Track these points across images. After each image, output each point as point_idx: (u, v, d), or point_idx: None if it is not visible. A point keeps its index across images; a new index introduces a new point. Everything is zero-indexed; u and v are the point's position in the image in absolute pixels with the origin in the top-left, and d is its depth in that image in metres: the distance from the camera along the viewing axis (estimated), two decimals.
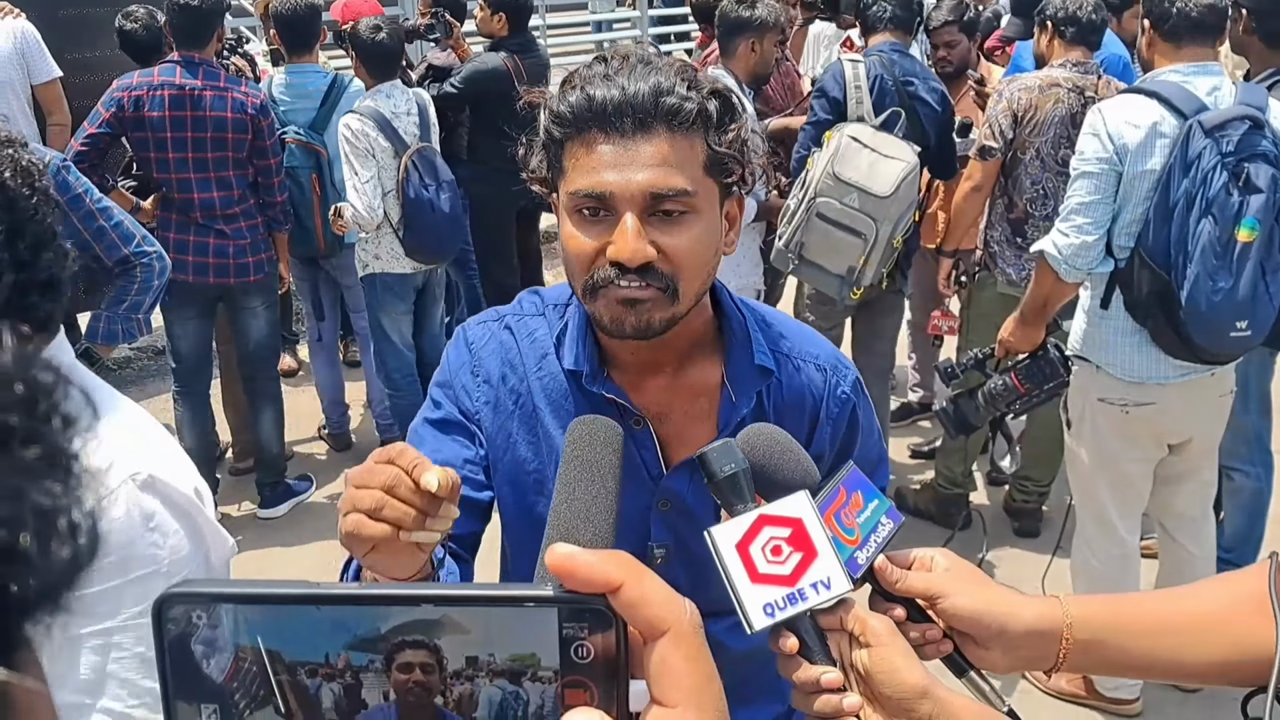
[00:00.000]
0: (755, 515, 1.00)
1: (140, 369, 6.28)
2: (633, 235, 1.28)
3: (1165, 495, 3.47)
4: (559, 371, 1.48)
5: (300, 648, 0.52)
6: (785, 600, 0.98)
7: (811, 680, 0.98)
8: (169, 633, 0.53)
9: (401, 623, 0.52)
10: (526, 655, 0.52)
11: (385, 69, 4.71)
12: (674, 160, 1.29)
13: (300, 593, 0.53)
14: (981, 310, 4.32)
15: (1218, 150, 2.85)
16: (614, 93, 1.28)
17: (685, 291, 1.33)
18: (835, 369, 1.54)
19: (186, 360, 4.59)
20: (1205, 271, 2.86)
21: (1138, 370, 3.15)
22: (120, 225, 3.00)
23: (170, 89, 4.23)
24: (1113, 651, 1.14)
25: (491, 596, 0.53)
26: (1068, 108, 3.90)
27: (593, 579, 0.52)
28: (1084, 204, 3.04)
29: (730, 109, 1.35)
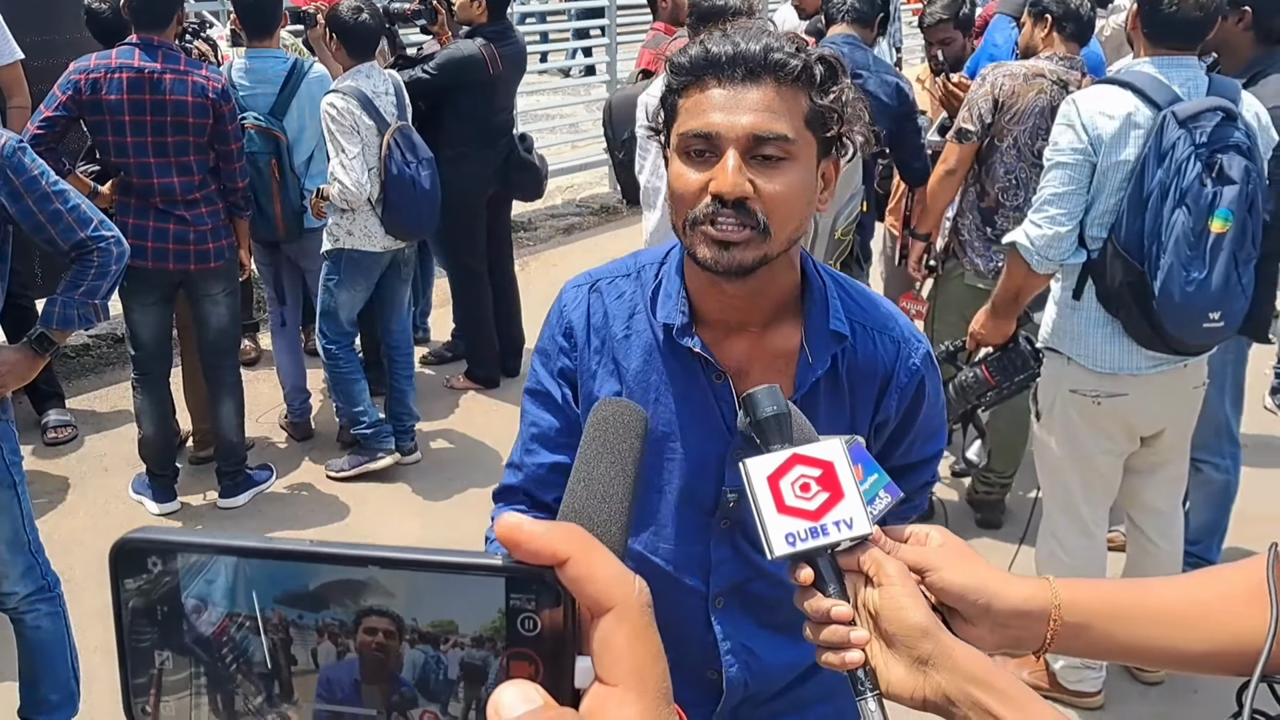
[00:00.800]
0: (789, 453, 1.07)
1: (98, 356, 6.19)
2: (733, 170, 1.38)
3: (1135, 488, 3.48)
4: (647, 328, 1.58)
5: (223, 594, 0.53)
6: (807, 532, 1.04)
7: (823, 611, 1.03)
8: (124, 579, 0.53)
9: (328, 581, 0.52)
10: (445, 622, 0.52)
11: (364, 50, 4.69)
12: (778, 107, 1.39)
13: (251, 546, 0.53)
14: (948, 300, 4.33)
15: (1191, 141, 2.85)
16: (728, 47, 1.40)
17: (776, 233, 1.42)
18: (908, 341, 1.61)
19: (146, 348, 4.52)
20: (1179, 262, 2.86)
21: (1110, 361, 3.16)
22: (77, 209, 2.93)
23: (129, 72, 4.15)
24: (1101, 636, 1.14)
25: (440, 563, 0.52)
26: (1049, 99, 3.90)
27: (539, 551, 0.52)
28: (1057, 194, 3.04)
29: (834, 74, 1.44)
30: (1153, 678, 3.65)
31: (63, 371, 5.80)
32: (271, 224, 4.86)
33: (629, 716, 0.51)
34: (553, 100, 11.30)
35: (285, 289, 5.25)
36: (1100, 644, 1.15)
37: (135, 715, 0.54)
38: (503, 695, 0.50)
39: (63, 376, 5.74)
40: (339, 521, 4.74)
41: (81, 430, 5.45)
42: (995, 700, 0.99)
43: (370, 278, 4.88)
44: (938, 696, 1.01)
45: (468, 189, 5.41)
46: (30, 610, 3.11)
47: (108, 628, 1.50)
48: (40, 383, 4.88)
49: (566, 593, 0.52)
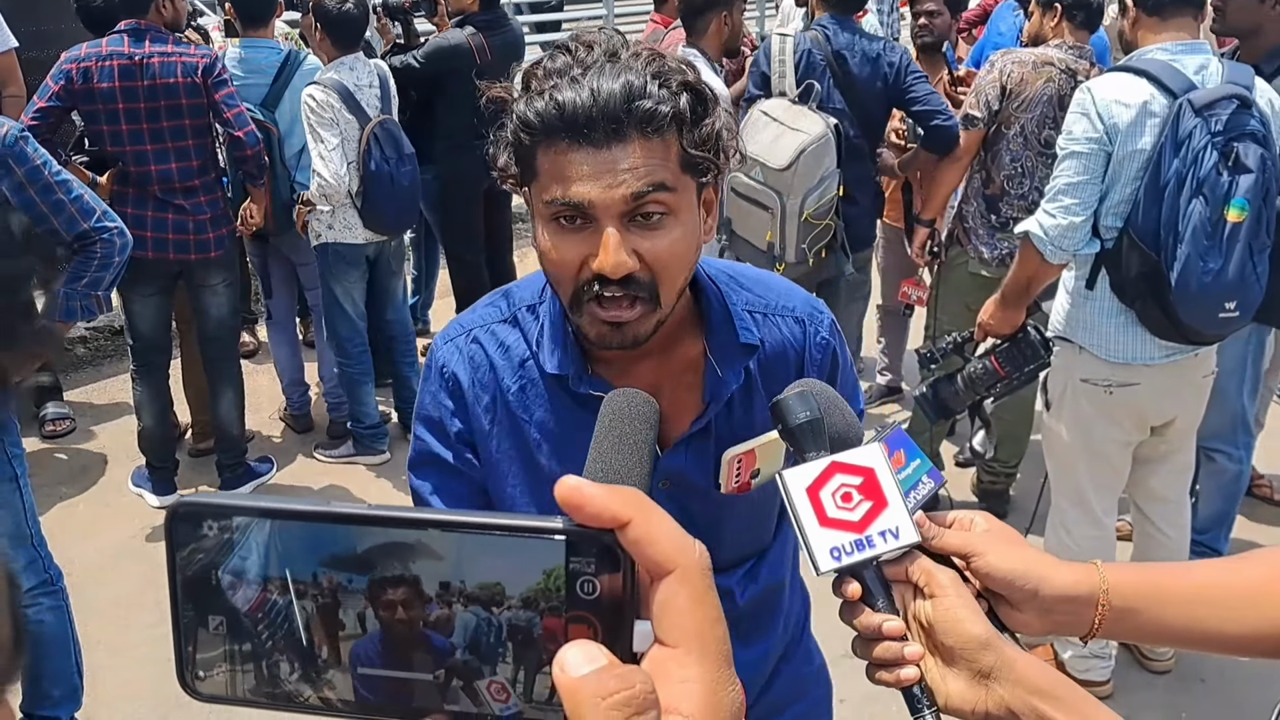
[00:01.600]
0: (828, 461, 1.01)
1: (96, 348, 6.15)
2: (614, 248, 1.26)
3: (1143, 477, 3.47)
4: (539, 375, 1.47)
5: (278, 558, 0.53)
6: (853, 546, 1.00)
7: (874, 627, 0.99)
8: (179, 543, 0.53)
9: (378, 544, 0.52)
10: (492, 584, 0.52)
11: (349, 40, 4.65)
12: (651, 164, 1.26)
13: (310, 510, 0.53)
14: (951, 287, 4.31)
15: (1208, 130, 2.82)
16: (584, 98, 1.24)
17: (666, 295, 1.32)
18: (812, 316, 1.56)
19: (145, 339, 4.49)
20: (1196, 252, 2.84)
21: (1122, 351, 3.14)
22: (80, 199, 2.91)
23: (119, 59, 4.12)
24: (1148, 620, 1.13)
25: (501, 525, 0.53)
26: (1057, 88, 3.88)
27: (600, 513, 0.52)
28: (1071, 184, 3.01)
29: (703, 101, 1.31)
30: (1161, 667, 3.64)
31: (60, 364, 5.77)
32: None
33: (691, 678, 0.51)
34: None
35: (275, 282, 5.22)
36: (1148, 628, 1.14)
37: (188, 682, 0.54)
38: (567, 655, 0.50)
39: (60, 369, 5.71)
40: None
41: (80, 423, 5.42)
42: (1060, 711, 0.97)
43: (358, 268, 4.87)
44: (1000, 710, 0.99)
45: (462, 180, 5.38)
46: (32, 604, 3.09)
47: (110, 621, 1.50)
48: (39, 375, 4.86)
49: (627, 556, 0.52)
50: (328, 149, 4.47)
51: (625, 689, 0.48)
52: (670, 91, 1.27)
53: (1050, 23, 4.00)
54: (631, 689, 0.48)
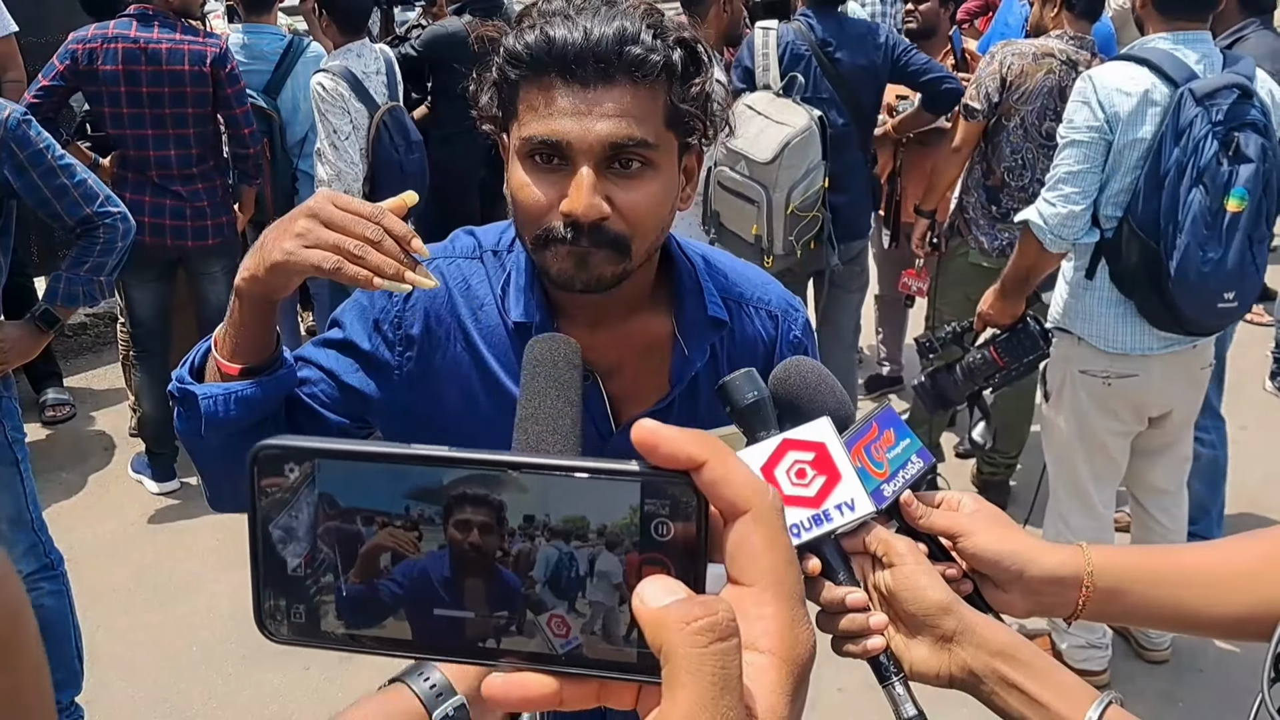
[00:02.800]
0: (779, 439, 1.01)
1: (96, 335, 6.16)
2: (588, 190, 1.22)
3: (1141, 468, 3.47)
4: (499, 323, 1.41)
5: (360, 496, 0.53)
6: (811, 521, 1.00)
7: (837, 600, 1.00)
8: (261, 486, 0.54)
9: (463, 476, 0.53)
10: (576, 518, 0.53)
11: (355, 26, 4.64)
12: (635, 111, 1.23)
13: (393, 451, 0.53)
14: (951, 278, 4.31)
15: (1208, 119, 2.82)
16: (576, 35, 1.21)
17: (636, 248, 1.28)
18: (786, 313, 1.52)
19: (145, 324, 4.50)
20: (1195, 242, 2.84)
21: (1121, 342, 3.14)
22: (83, 183, 2.90)
23: (125, 42, 4.12)
24: (1134, 601, 1.13)
25: (578, 467, 0.53)
26: (1058, 79, 3.87)
27: (676, 454, 0.52)
28: (1072, 173, 3.01)
29: (696, 60, 1.29)
30: (1158, 656, 3.65)
31: (60, 350, 5.77)
32: (262, 204, 4.80)
33: (766, 615, 0.51)
34: None
35: None
36: (1135, 609, 1.15)
37: (267, 626, 0.55)
38: (646, 588, 0.51)
39: (60, 355, 5.71)
40: None
41: (80, 409, 5.43)
42: (1020, 672, 0.99)
43: None
44: (963, 673, 1.00)
45: (457, 170, 5.37)
46: (33, 589, 3.09)
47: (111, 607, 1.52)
48: (38, 361, 4.84)
49: (701, 497, 0.52)
50: (341, 138, 4.47)
51: (709, 615, 0.48)
52: (665, 42, 1.25)
53: (1051, 13, 3.99)
54: (715, 615, 0.48)
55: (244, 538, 0.55)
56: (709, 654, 0.47)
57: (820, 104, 3.96)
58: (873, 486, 1.07)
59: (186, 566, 4.20)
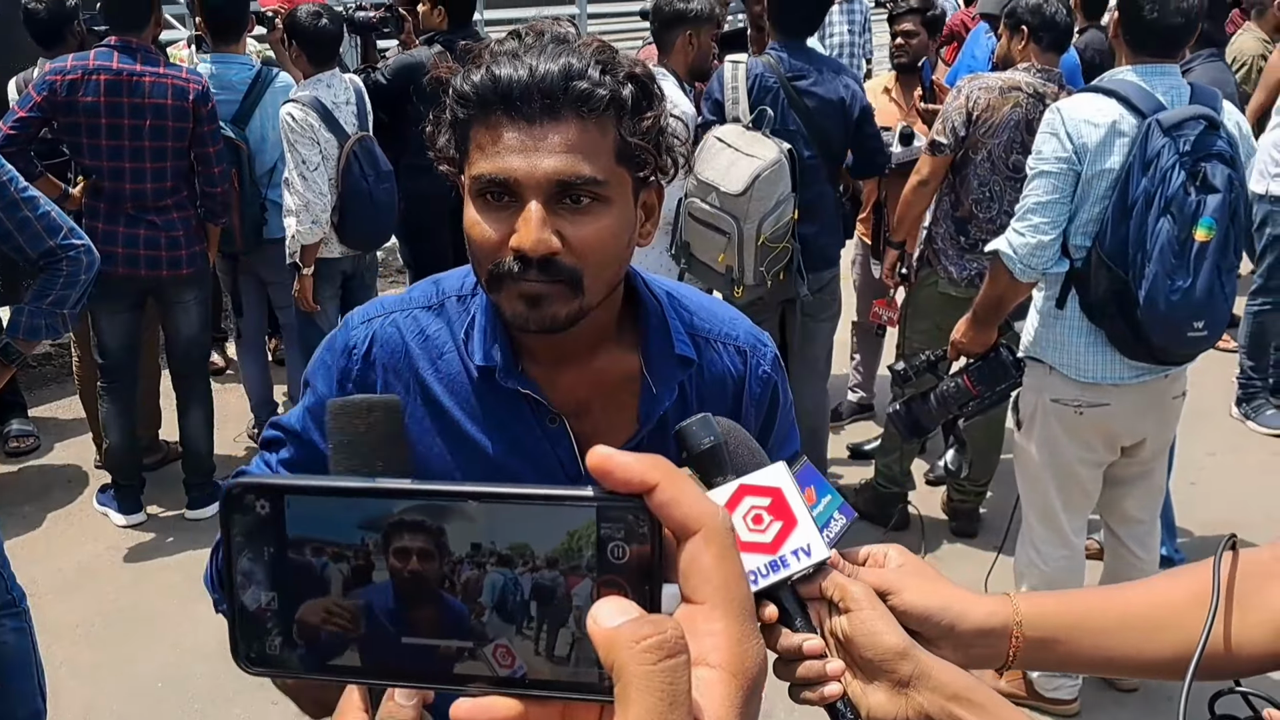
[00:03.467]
0: (736, 485, 1.00)
1: (61, 366, 6.08)
2: (536, 224, 1.22)
3: (1115, 498, 3.48)
4: (460, 371, 1.40)
5: (322, 529, 0.55)
6: (768, 568, 0.99)
7: (794, 647, 0.99)
8: (235, 523, 0.55)
9: (413, 505, 0.54)
10: (520, 544, 0.54)
11: (325, 56, 4.63)
12: (583, 148, 1.22)
13: (357, 485, 0.55)
14: (920, 308, 4.33)
15: (1175, 149, 2.84)
16: (521, 73, 1.21)
17: (591, 285, 1.27)
18: (755, 349, 1.50)
19: (114, 355, 4.45)
20: (1164, 271, 2.86)
21: (1092, 371, 3.16)
22: (46, 216, 2.86)
23: (107, 74, 4.10)
24: (1065, 649, 1.14)
25: (534, 495, 0.55)
26: (1024, 112, 3.89)
27: (629, 479, 0.54)
28: (1041, 203, 3.03)
29: (648, 95, 1.28)
30: (1128, 684, 3.65)
31: (25, 381, 5.70)
32: (229, 235, 4.77)
33: (717, 631, 0.53)
34: None
35: (245, 300, 5.17)
36: (1069, 657, 1.15)
37: (243, 658, 0.56)
38: (600, 609, 0.52)
39: (25, 386, 5.64)
40: None
41: (44, 440, 5.36)
42: (974, 714, 0.99)
43: (333, 283, 4.85)
44: (920, 717, 1.00)
45: (428, 198, 5.34)
46: None
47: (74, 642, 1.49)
48: (3, 392, 4.80)
49: (654, 519, 0.54)
50: (309, 168, 4.45)
51: (657, 633, 0.50)
52: (614, 78, 1.24)
53: (1018, 45, 4.01)
54: (663, 633, 0.50)
55: (196, 572, 0.56)
56: (657, 671, 0.49)
57: (788, 136, 3.98)
58: None
59: (152, 601, 4.14)
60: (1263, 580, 1.19)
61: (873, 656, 1.00)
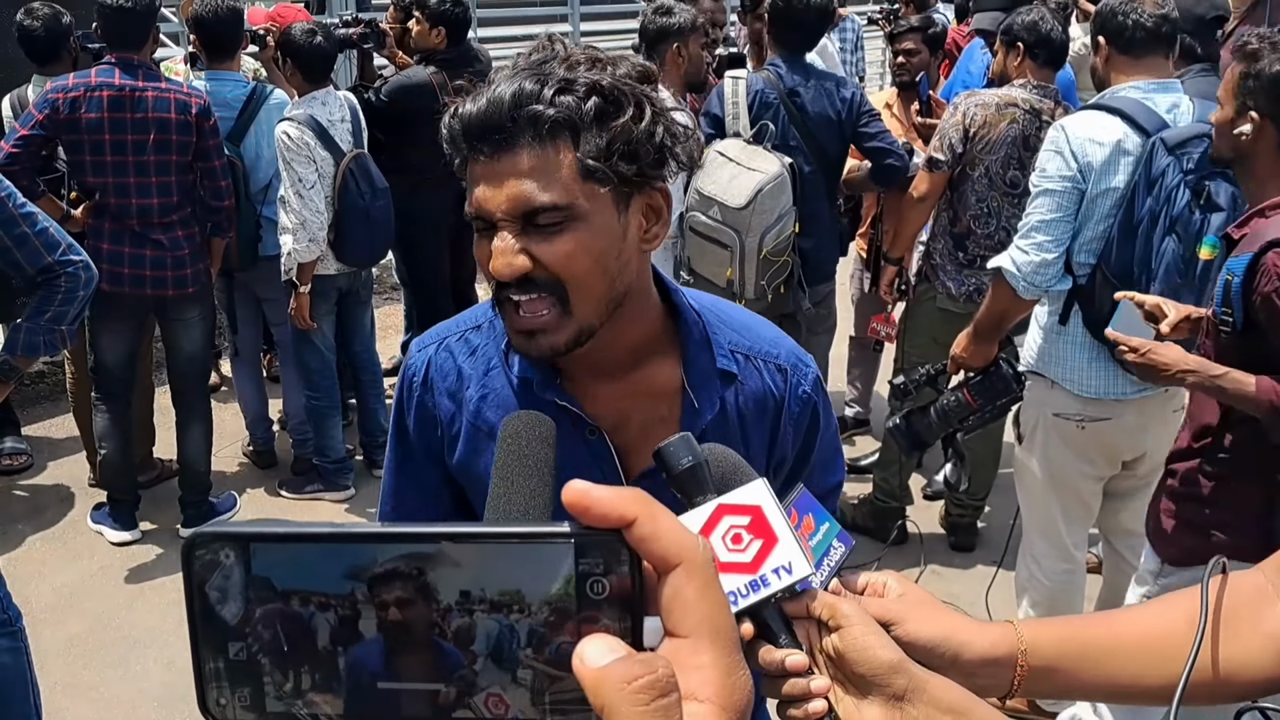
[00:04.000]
0: (715, 504, 1.00)
1: (55, 383, 6.04)
2: (499, 251, 1.26)
3: (1113, 511, 3.49)
4: (505, 384, 1.43)
5: (299, 578, 0.53)
6: (748, 587, 0.98)
7: (776, 663, 0.98)
8: (198, 574, 0.53)
9: (397, 554, 0.53)
10: (512, 590, 0.53)
11: (319, 74, 4.62)
12: (539, 171, 1.24)
13: (322, 532, 0.54)
14: (918, 323, 4.34)
15: (1180, 168, 2.86)
16: (478, 107, 1.25)
17: (579, 302, 1.28)
18: (796, 368, 1.49)
19: (111, 370, 4.43)
20: (1169, 289, 2.86)
21: (1095, 386, 3.16)
22: (45, 232, 2.85)
23: (109, 90, 4.09)
24: (1068, 677, 1.14)
25: (510, 534, 0.54)
26: (1021, 129, 3.89)
27: (608, 514, 0.53)
28: (1045, 221, 3.04)
29: (615, 103, 1.25)
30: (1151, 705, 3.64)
31: (18, 399, 5.66)
32: (226, 251, 4.73)
33: (704, 665, 0.52)
34: None
35: (241, 317, 5.15)
36: (1071, 685, 1.15)
37: (210, 708, 0.55)
38: (586, 648, 0.51)
39: (18, 404, 5.60)
40: None
41: (37, 458, 5.32)
42: None
43: (329, 299, 4.83)
44: None
45: (424, 217, 5.35)
46: None
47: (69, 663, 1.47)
48: None
49: (633, 553, 0.53)
50: (305, 186, 4.45)
51: (648, 673, 0.49)
52: (573, 95, 1.23)
53: (1014, 62, 4.01)
54: (654, 673, 0.49)
55: None
56: (650, 711, 0.49)
57: (789, 151, 4.00)
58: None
59: (147, 620, 4.11)
60: (1259, 604, 1.19)
61: (866, 672, 0.99)
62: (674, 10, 4.23)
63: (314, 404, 4.92)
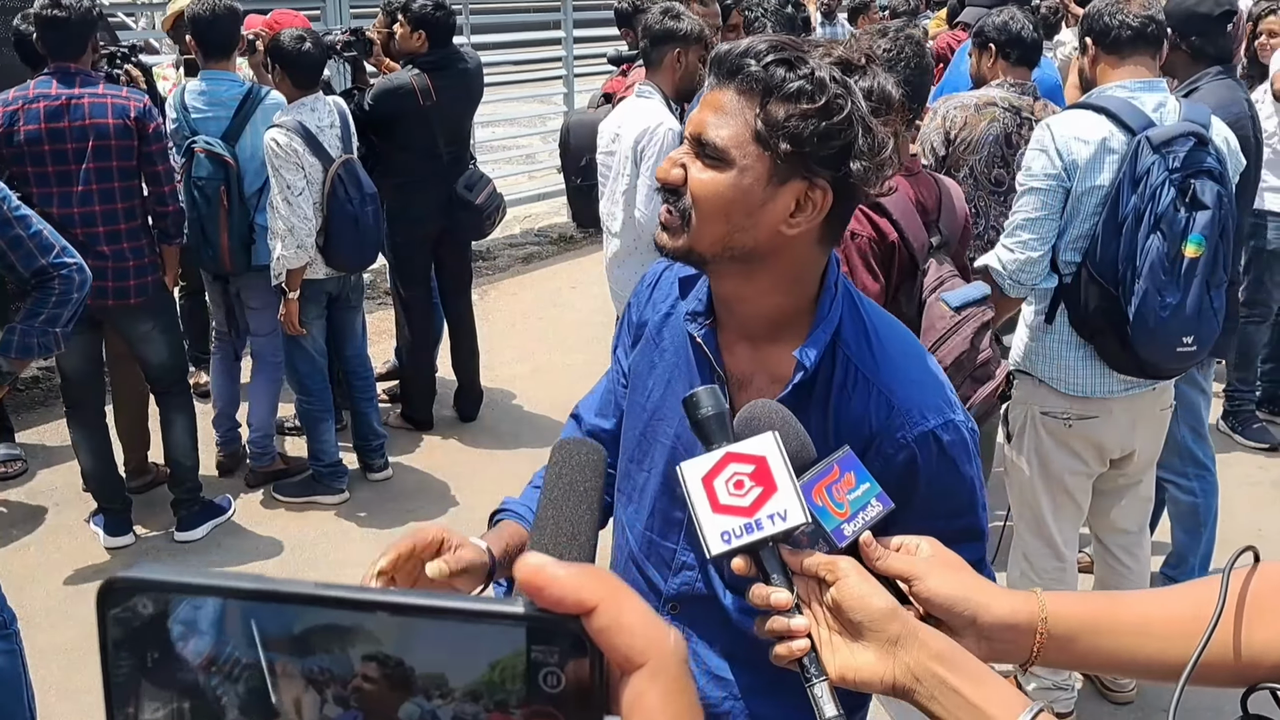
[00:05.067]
0: (723, 452, 1.07)
1: (48, 389, 6.05)
2: (672, 158, 1.43)
3: (1103, 509, 3.50)
4: (681, 312, 1.59)
5: (214, 638, 0.48)
6: (742, 529, 1.05)
7: (764, 598, 1.04)
8: (112, 621, 0.49)
9: (313, 625, 0.48)
10: (436, 675, 0.47)
11: (308, 80, 4.64)
12: (725, 113, 1.38)
13: (249, 588, 0.48)
14: None
15: (1165, 166, 2.88)
16: (727, 47, 1.40)
17: (698, 228, 1.40)
18: (909, 413, 1.45)
19: (72, 377, 4.42)
20: (1154, 287, 2.89)
21: (1082, 384, 3.18)
22: (38, 235, 2.87)
23: (46, 101, 4.10)
24: (1087, 648, 1.15)
25: (456, 609, 0.48)
26: (1002, 127, 3.92)
27: (564, 597, 0.47)
28: (1030, 220, 3.06)
29: (816, 93, 1.33)
30: (1123, 697, 3.66)
31: (12, 405, 5.66)
32: (217, 255, 4.73)
33: None
34: (509, 131, 11.32)
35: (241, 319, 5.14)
36: (1088, 656, 1.17)
37: None
38: None
39: (12, 410, 5.60)
40: (297, 554, 4.65)
41: (31, 464, 5.32)
42: (957, 676, 1.02)
43: (319, 303, 4.84)
44: (905, 676, 1.04)
45: (410, 221, 5.36)
46: None
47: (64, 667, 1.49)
48: None
49: (594, 645, 0.48)
50: (294, 193, 4.46)
51: None
52: (787, 70, 1.35)
53: (988, 63, 4.07)
54: None
55: None
56: None
57: None
58: (833, 525, 1.13)
59: None
60: None
61: (862, 619, 1.04)
62: (682, 16, 4.24)
63: (307, 408, 4.93)
